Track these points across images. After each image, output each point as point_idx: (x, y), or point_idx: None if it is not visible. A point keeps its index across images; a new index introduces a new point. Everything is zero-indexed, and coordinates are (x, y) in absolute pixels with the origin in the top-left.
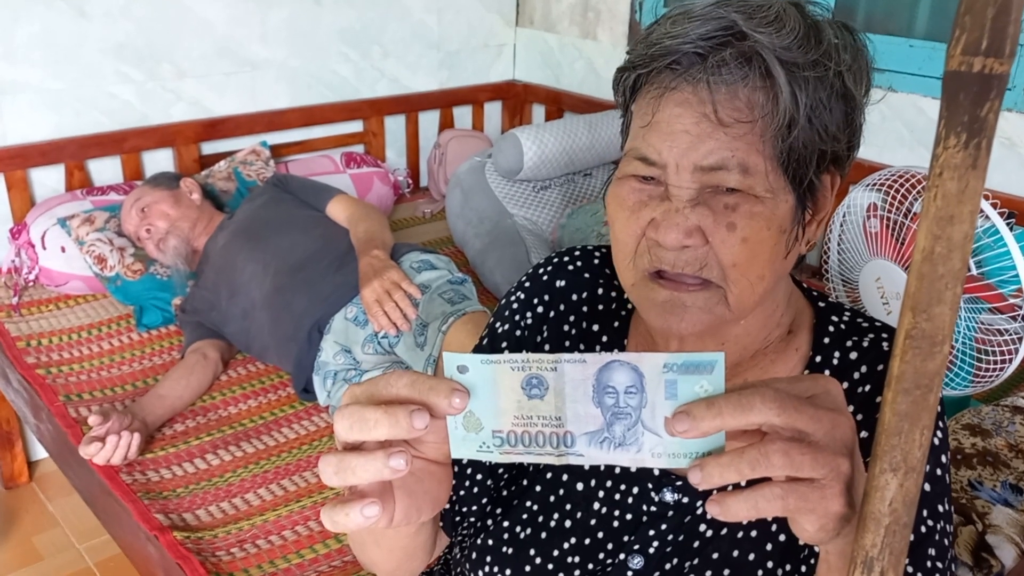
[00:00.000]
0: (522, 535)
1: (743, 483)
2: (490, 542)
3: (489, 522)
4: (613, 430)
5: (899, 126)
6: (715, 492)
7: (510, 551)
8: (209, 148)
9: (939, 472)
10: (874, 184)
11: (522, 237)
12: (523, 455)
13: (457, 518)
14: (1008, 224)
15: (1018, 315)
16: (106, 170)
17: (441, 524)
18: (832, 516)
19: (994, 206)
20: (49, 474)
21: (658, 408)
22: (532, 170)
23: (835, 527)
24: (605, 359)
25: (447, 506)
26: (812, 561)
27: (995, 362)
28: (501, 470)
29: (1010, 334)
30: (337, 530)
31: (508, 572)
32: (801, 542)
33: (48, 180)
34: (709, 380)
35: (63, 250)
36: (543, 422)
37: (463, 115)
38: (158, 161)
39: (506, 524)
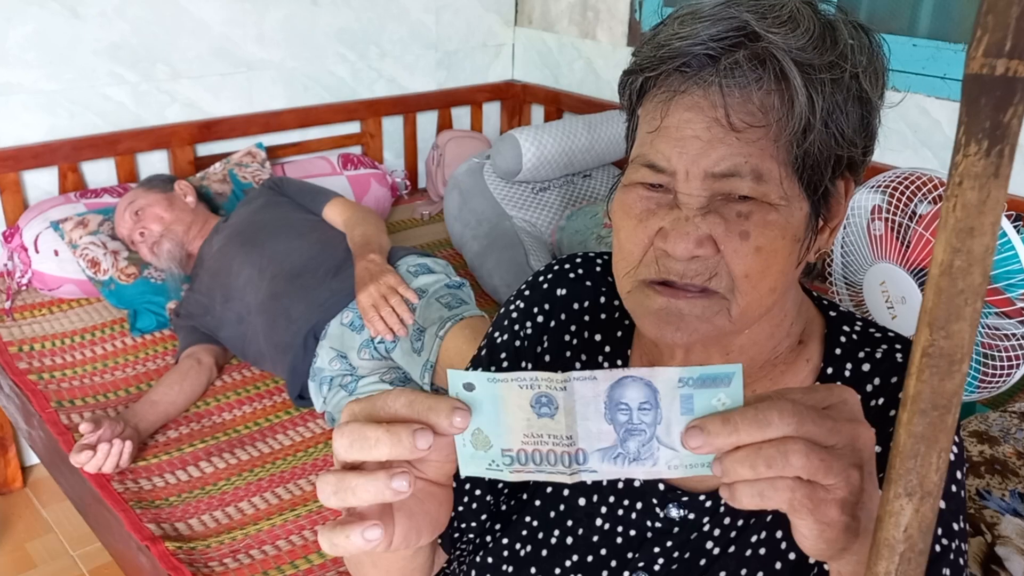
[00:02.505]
0: (522, 552)
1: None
2: (489, 559)
3: (488, 538)
4: (627, 446)
5: (902, 126)
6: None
7: (510, 569)
8: (204, 150)
9: (954, 488)
10: (878, 186)
11: (521, 239)
12: (534, 473)
13: (456, 534)
14: (1016, 227)
15: None
16: (100, 172)
17: (439, 541)
18: (832, 524)
19: None
20: (43, 480)
21: (674, 424)
22: (531, 171)
23: (836, 538)
24: (617, 375)
25: None
26: None
27: (1002, 367)
28: (501, 485)
29: (1018, 339)
30: (336, 553)
31: None
32: (811, 560)
33: (41, 182)
34: (727, 393)
35: (56, 253)
36: (553, 441)
37: (461, 116)
38: (153, 163)
39: (505, 541)
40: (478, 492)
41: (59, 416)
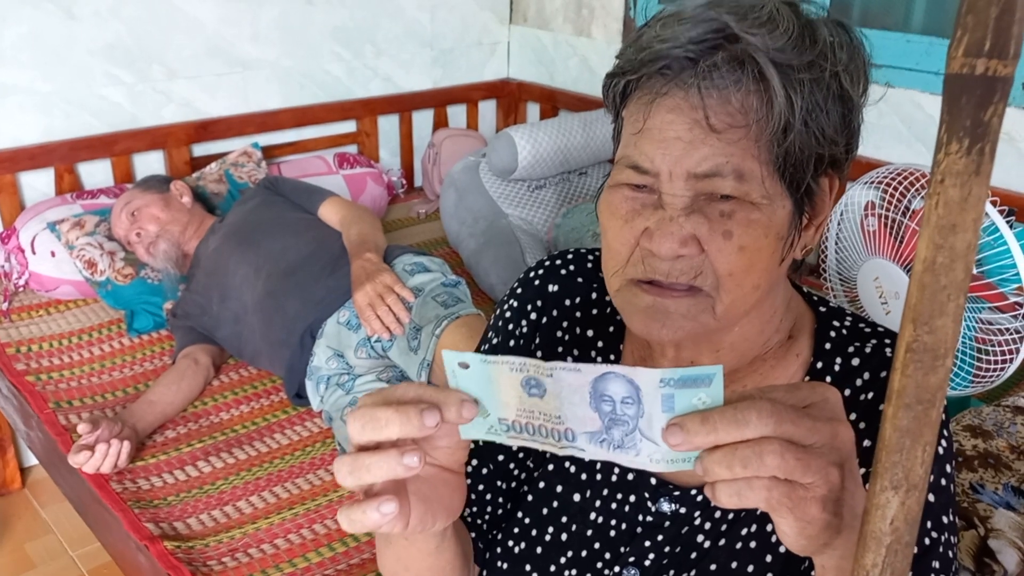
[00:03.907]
0: (516, 550)
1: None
2: (486, 555)
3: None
4: (611, 433)
5: (896, 122)
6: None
7: (505, 566)
8: (200, 150)
9: (943, 482)
10: (872, 182)
11: (517, 237)
12: (529, 441)
13: None
14: (1008, 222)
15: (1019, 314)
16: (96, 173)
17: (474, 558)
18: (813, 521)
19: (993, 203)
20: (41, 480)
21: (655, 420)
22: (527, 169)
23: (817, 535)
24: (600, 370)
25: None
26: (812, 574)
27: (996, 362)
28: (501, 483)
29: (1011, 333)
30: (354, 530)
31: None
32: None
33: (37, 184)
34: (707, 392)
35: (53, 255)
36: (544, 417)
37: (457, 114)
38: (149, 163)
39: (500, 538)
40: (474, 497)
41: (57, 417)
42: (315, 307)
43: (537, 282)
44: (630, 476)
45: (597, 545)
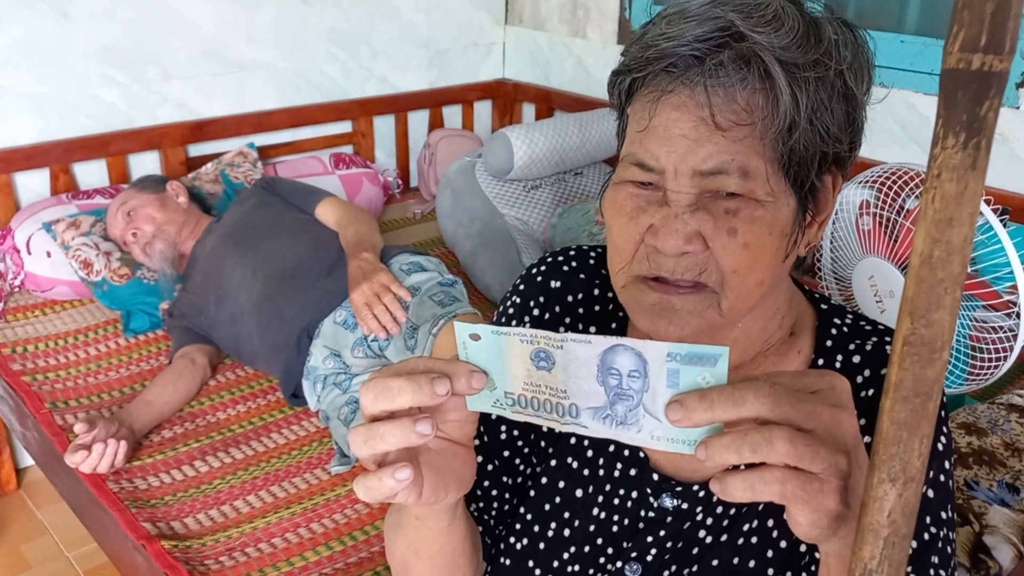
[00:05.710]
0: (519, 546)
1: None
2: (492, 552)
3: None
4: (615, 408)
5: (891, 122)
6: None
7: (508, 563)
8: (196, 150)
9: (942, 478)
10: (866, 181)
11: (513, 237)
12: (533, 417)
13: None
14: (1002, 221)
15: (1013, 312)
16: (92, 173)
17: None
18: (826, 511)
19: (987, 202)
20: (37, 481)
21: (659, 395)
22: (523, 169)
23: (829, 524)
24: (610, 342)
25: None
26: (813, 568)
27: (990, 359)
28: (506, 478)
29: (1005, 331)
30: (370, 498)
31: None
32: (802, 548)
33: (33, 184)
34: (712, 372)
35: (48, 255)
36: (550, 392)
37: (453, 115)
38: (144, 164)
39: (503, 535)
40: (479, 493)
41: (53, 417)
42: (312, 308)
43: (540, 278)
44: (632, 472)
45: (600, 540)
